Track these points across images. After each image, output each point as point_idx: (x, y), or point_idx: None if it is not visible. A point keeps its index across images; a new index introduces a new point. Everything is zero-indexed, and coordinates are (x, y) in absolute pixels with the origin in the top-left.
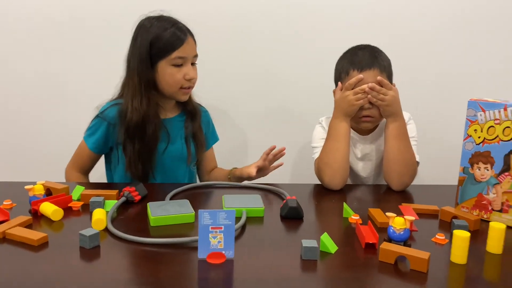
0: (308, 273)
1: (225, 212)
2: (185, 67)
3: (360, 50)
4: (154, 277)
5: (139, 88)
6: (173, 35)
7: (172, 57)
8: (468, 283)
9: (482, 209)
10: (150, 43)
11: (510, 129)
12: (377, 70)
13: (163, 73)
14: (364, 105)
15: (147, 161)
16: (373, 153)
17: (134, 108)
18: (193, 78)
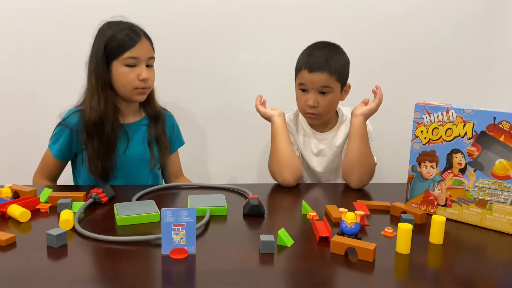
0: (264, 265)
1: (187, 210)
2: (139, 68)
3: (317, 51)
4: (119, 273)
5: (96, 88)
6: (126, 36)
7: (124, 57)
8: (411, 271)
9: (429, 205)
10: (105, 44)
11: (451, 130)
12: (326, 73)
13: (117, 73)
14: (309, 103)
15: (106, 159)
16: (327, 149)
17: (92, 108)
18: (146, 79)
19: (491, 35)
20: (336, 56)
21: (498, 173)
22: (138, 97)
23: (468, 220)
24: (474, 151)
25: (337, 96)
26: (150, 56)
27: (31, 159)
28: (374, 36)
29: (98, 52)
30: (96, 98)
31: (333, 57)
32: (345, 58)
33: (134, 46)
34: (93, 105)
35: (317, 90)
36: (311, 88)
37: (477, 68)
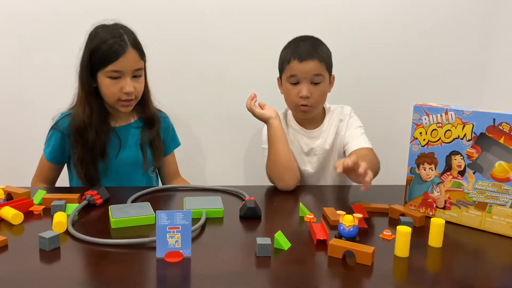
0: (261, 269)
1: (182, 212)
2: (123, 80)
3: (302, 42)
4: (113, 276)
5: (81, 96)
6: (110, 47)
7: (107, 70)
8: (410, 275)
9: (428, 207)
10: (90, 53)
11: (450, 132)
12: (316, 61)
13: (101, 84)
14: (302, 94)
15: (90, 166)
16: (318, 148)
17: (77, 115)
18: (130, 92)
19: (489, 36)
20: (322, 46)
21: (498, 175)
22: (122, 109)
23: (467, 223)
24: (473, 153)
25: (326, 86)
26: (137, 68)
27: (25, 160)
28: (371, 37)
29: (83, 60)
30: (81, 106)
31: (319, 47)
32: (328, 49)
33: (118, 59)
34: (79, 112)
35: (309, 80)
36: (303, 78)
37: (476, 69)
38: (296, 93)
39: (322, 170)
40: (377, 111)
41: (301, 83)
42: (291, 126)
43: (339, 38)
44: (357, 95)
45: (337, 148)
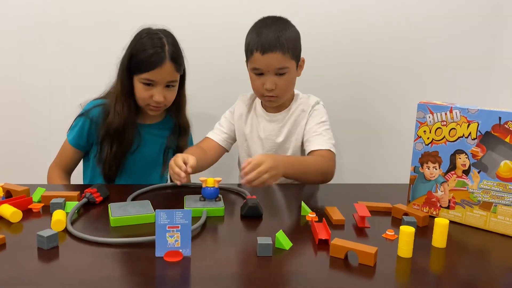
0: (261, 269)
1: (182, 211)
2: (155, 89)
3: (265, 28)
4: (111, 276)
5: (120, 95)
6: (149, 57)
7: (141, 77)
8: (413, 276)
9: (432, 206)
10: (130, 56)
11: (455, 130)
12: (279, 53)
13: (135, 87)
14: (267, 87)
15: (119, 163)
16: (273, 132)
17: (116, 112)
18: (159, 101)
19: (495, 35)
20: (287, 32)
21: (503, 174)
22: (151, 112)
23: (471, 223)
24: (478, 152)
25: (293, 74)
26: (170, 80)
27: (25, 158)
28: (377, 34)
29: (124, 61)
30: (120, 104)
31: (284, 34)
32: (294, 31)
33: (153, 69)
34: (118, 110)
35: (273, 72)
36: (267, 71)
37: (482, 68)
38: (261, 84)
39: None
40: (381, 109)
41: (265, 75)
42: (255, 109)
43: (343, 36)
44: (361, 93)
45: (291, 139)
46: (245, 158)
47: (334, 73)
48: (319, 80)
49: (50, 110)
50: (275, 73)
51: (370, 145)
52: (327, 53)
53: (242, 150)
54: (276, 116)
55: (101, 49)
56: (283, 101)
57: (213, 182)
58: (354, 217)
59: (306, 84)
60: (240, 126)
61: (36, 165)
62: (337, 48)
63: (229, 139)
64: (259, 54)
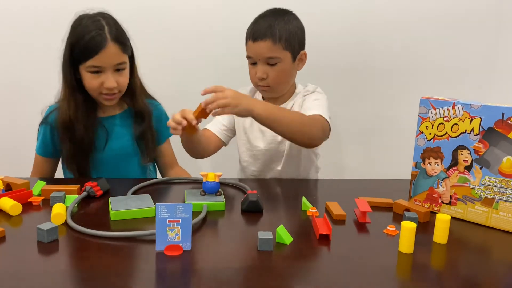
0: (262, 263)
1: (182, 205)
2: (104, 75)
3: (262, 18)
4: (111, 270)
5: (64, 90)
6: (89, 41)
7: (87, 65)
8: (415, 271)
9: (433, 202)
10: (71, 46)
11: (457, 126)
12: (269, 41)
13: (83, 78)
14: (258, 75)
15: (81, 160)
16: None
17: (62, 110)
18: (111, 87)
19: (498, 30)
20: (282, 22)
21: (506, 171)
22: (106, 102)
23: (473, 219)
24: (481, 147)
25: (287, 65)
26: (118, 62)
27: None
28: (379, 30)
29: (65, 53)
30: (66, 100)
31: (279, 24)
32: (294, 24)
33: (97, 54)
34: (64, 107)
35: (264, 61)
36: (257, 59)
37: (484, 63)
38: (254, 74)
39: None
40: (383, 104)
41: (257, 64)
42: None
43: (345, 32)
44: (363, 88)
45: None
46: (244, 152)
47: (336, 68)
48: (320, 76)
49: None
50: (266, 63)
51: (372, 140)
52: (329, 49)
53: (241, 144)
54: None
55: None
56: (279, 92)
57: (213, 176)
58: (355, 213)
59: (306, 79)
60: (240, 120)
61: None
62: (338, 43)
63: (227, 132)
64: (251, 41)
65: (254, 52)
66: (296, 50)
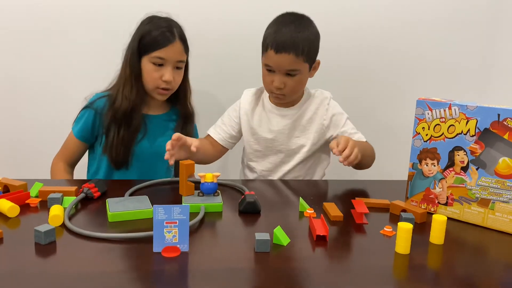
0: (259, 264)
1: (180, 207)
2: (164, 68)
3: (285, 27)
4: (108, 271)
5: (129, 78)
6: (160, 34)
7: (152, 55)
8: (411, 272)
9: (430, 203)
10: (140, 37)
11: (453, 127)
12: (292, 55)
13: (144, 69)
14: (275, 85)
15: (127, 148)
16: (286, 127)
17: (124, 96)
18: (169, 81)
19: (494, 32)
20: (305, 33)
21: (502, 171)
22: (158, 97)
23: (469, 220)
24: (477, 148)
25: (305, 76)
26: (180, 59)
27: (23, 152)
28: (375, 32)
29: (133, 43)
30: (128, 87)
31: (301, 35)
32: (314, 33)
33: (164, 47)
34: (125, 94)
35: (283, 72)
36: (277, 70)
37: (481, 64)
38: (270, 81)
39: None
40: (379, 105)
41: (275, 73)
42: (263, 104)
43: (342, 34)
44: (360, 89)
45: (308, 136)
46: (252, 154)
47: (332, 69)
48: (317, 77)
49: (48, 105)
50: (285, 73)
51: (369, 141)
52: (325, 50)
53: (248, 146)
54: (288, 111)
55: (101, 45)
56: (291, 99)
57: (211, 177)
58: (352, 214)
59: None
60: (247, 121)
61: (34, 160)
62: (335, 45)
63: (231, 140)
64: (273, 52)
65: (275, 63)
66: (313, 60)
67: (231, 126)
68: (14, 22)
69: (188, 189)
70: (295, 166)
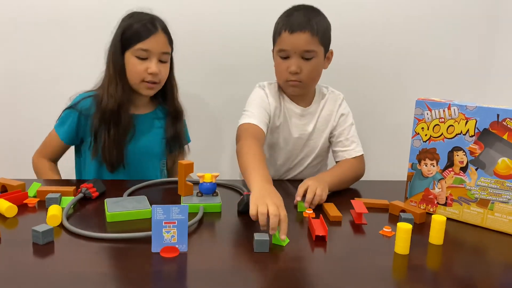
0: (258, 265)
1: (178, 207)
2: (149, 61)
3: (296, 11)
4: (107, 271)
5: (114, 76)
6: (142, 26)
7: (136, 48)
8: (410, 272)
9: (429, 203)
10: (122, 32)
11: (453, 127)
12: (308, 33)
13: (128, 63)
14: (291, 69)
15: (120, 149)
16: (305, 127)
17: (110, 95)
18: (155, 73)
19: (494, 32)
20: (317, 17)
21: (501, 172)
22: (145, 91)
23: (468, 220)
24: (476, 149)
25: (320, 62)
26: (164, 51)
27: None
28: (375, 31)
29: (115, 39)
30: (113, 85)
31: (315, 18)
32: (326, 21)
33: (147, 38)
34: (111, 92)
35: (299, 54)
36: (293, 52)
37: (480, 65)
38: (286, 68)
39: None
40: (379, 105)
41: (291, 58)
42: (284, 102)
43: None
44: (360, 89)
45: (323, 135)
46: (265, 151)
47: (331, 69)
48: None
49: (44, 104)
50: (301, 56)
51: (368, 141)
52: None
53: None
54: (306, 110)
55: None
56: (307, 90)
57: (210, 177)
58: (351, 214)
59: None
60: (273, 117)
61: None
62: (334, 44)
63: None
64: (288, 33)
65: (290, 44)
66: (327, 46)
67: (268, 114)
68: (14, 22)
69: (187, 189)
70: (306, 167)
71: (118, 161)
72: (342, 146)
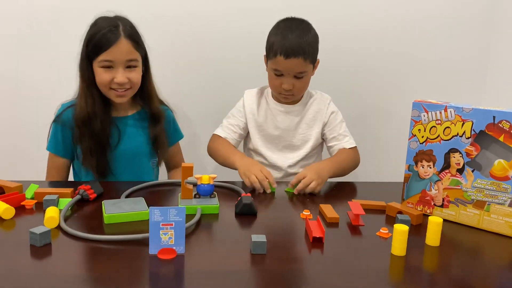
0: (255, 266)
1: (176, 208)
2: (115, 70)
3: (290, 33)
4: (104, 273)
5: (82, 87)
6: (102, 36)
7: (99, 60)
8: (407, 274)
9: (426, 205)
10: (87, 43)
11: (449, 129)
12: (301, 58)
13: (96, 73)
14: (284, 87)
15: (101, 157)
16: (292, 124)
17: (80, 106)
18: (122, 83)
19: (490, 34)
20: (309, 37)
21: (497, 173)
22: (117, 99)
23: (465, 222)
24: (472, 150)
25: (310, 75)
26: (129, 58)
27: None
28: (372, 34)
29: (82, 49)
30: (83, 97)
31: (306, 39)
32: (314, 35)
33: (108, 48)
34: (81, 104)
35: (292, 75)
36: (287, 73)
37: (477, 67)
38: (279, 84)
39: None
40: (375, 107)
41: (284, 76)
42: (267, 102)
43: (338, 35)
44: (356, 91)
45: (312, 133)
46: (262, 148)
47: (328, 70)
48: (315, 79)
49: (43, 106)
50: (293, 76)
51: (365, 143)
52: (323, 52)
53: (256, 139)
54: (292, 107)
55: None
56: (299, 97)
57: (208, 179)
58: (349, 215)
59: None
60: (253, 119)
61: (29, 162)
62: (331, 46)
63: (238, 138)
64: (282, 58)
65: (285, 67)
66: (316, 59)
67: (238, 126)
68: (14, 22)
69: (187, 193)
70: (298, 161)
71: (102, 169)
72: (337, 140)
